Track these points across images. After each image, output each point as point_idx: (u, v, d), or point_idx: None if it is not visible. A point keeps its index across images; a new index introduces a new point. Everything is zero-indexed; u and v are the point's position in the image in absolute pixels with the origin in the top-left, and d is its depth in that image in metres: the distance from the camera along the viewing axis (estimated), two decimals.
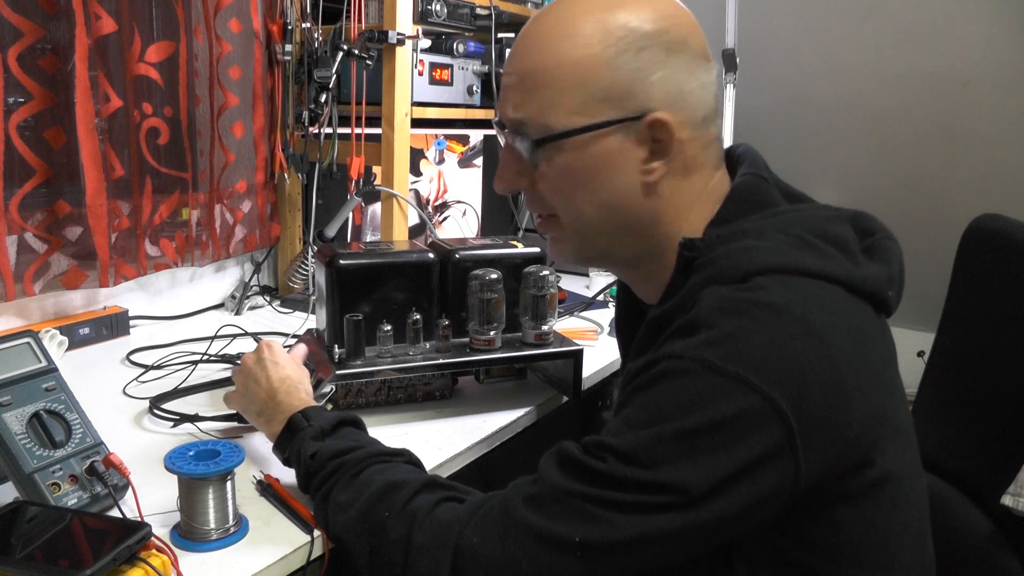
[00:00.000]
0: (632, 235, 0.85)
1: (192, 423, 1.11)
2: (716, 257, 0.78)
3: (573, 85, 0.79)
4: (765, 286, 0.73)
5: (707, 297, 0.74)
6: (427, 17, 1.68)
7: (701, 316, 0.72)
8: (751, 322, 0.70)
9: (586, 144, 0.80)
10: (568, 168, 0.82)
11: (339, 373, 1.11)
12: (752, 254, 0.76)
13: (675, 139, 0.80)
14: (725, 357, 0.69)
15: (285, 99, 1.75)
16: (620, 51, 0.78)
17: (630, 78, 0.78)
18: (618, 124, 0.79)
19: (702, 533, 0.70)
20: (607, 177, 0.81)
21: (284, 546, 0.84)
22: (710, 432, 0.68)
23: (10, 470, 0.83)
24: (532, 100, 0.81)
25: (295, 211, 1.87)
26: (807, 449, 0.68)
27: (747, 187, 0.84)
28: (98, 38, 1.38)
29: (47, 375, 0.90)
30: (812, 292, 0.74)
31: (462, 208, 2.03)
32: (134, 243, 1.52)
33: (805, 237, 0.78)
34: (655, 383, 0.71)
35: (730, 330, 0.70)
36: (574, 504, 0.70)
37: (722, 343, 0.70)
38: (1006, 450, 1.08)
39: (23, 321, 1.43)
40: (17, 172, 1.32)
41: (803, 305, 0.72)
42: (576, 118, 0.80)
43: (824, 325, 0.71)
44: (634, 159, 0.81)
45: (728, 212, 0.83)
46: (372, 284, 1.16)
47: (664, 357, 0.71)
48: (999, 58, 2.39)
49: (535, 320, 1.22)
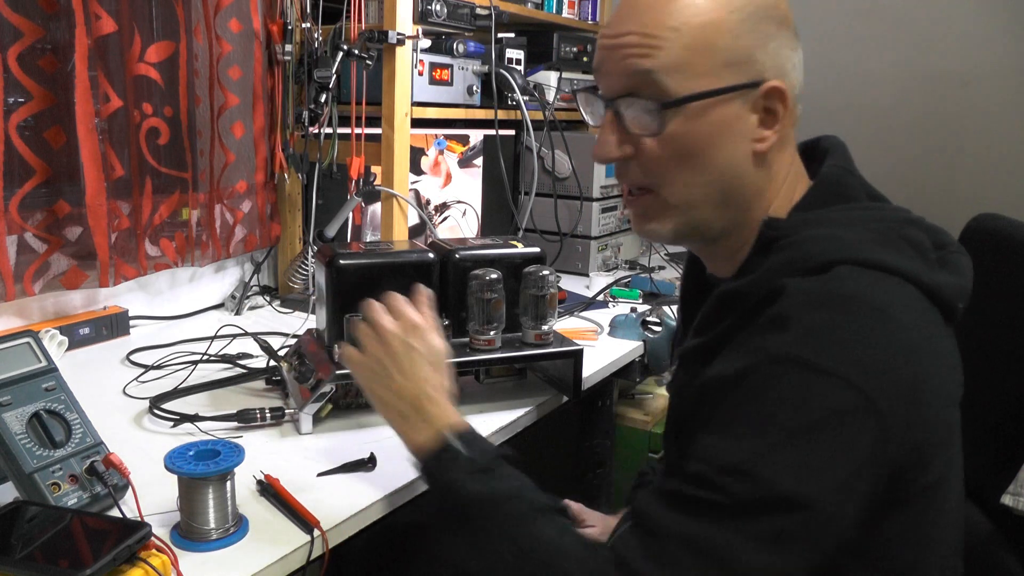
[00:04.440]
0: (732, 207, 0.84)
1: (192, 423, 1.11)
2: (799, 240, 0.78)
3: (702, 48, 0.78)
4: (847, 276, 0.73)
5: (794, 290, 0.73)
6: (427, 17, 1.68)
7: (791, 310, 0.72)
8: (841, 316, 0.70)
9: (706, 110, 0.79)
10: (684, 135, 0.80)
11: (339, 373, 1.11)
12: (836, 243, 0.76)
13: (789, 108, 0.81)
14: (819, 352, 0.69)
15: (285, 99, 1.75)
16: (743, 17, 0.79)
17: (751, 45, 0.79)
18: (740, 90, 0.79)
19: (830, 541, 0.68)
20: (722, 144, 0.80)
21: (284, 546, 0.84)
22: (820, 434, 0.67)
23: (10, 470, 0.83)
24: (655, 61, 0.78)
25: (295, 211, 1.87)
26: (893, 444, 0.69)
27: (835, 177, 0.85)
28: (98, 38, 1.38)
29: (47, 375, 0.90)
30: (891, 288, 0.74)
31: (462, 208, 2.03)
32: (134, 243, 1.52)
33: (887, 234, 0.78)
34: (757, 393, 0.70)
35: (820, 324, 0.70)
36: (703, 546, 0.67)
37: (814, 338, 0.70)
38: (1006, 450, 1.08)
39: (23, 321, 1.43)
40: (17, 172, 1.32)
41: (886, 300, 0.72)
42: (703, 81, 0.78)
43: (907, 323, 0.72)
44: (749, 127, 0.81)
45: (814, 199, 0.83)
46: (372, 284, 1.16)
47: (762, 362, 0.71)
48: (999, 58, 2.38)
49: (535, 320, 1.22)
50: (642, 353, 1.59)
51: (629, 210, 0.89)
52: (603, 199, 2.18)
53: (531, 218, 2.10)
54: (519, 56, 2.08)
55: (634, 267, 2.29)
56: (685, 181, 0.82)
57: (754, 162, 0.82)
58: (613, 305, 1.84)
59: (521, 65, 2.08)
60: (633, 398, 1.88)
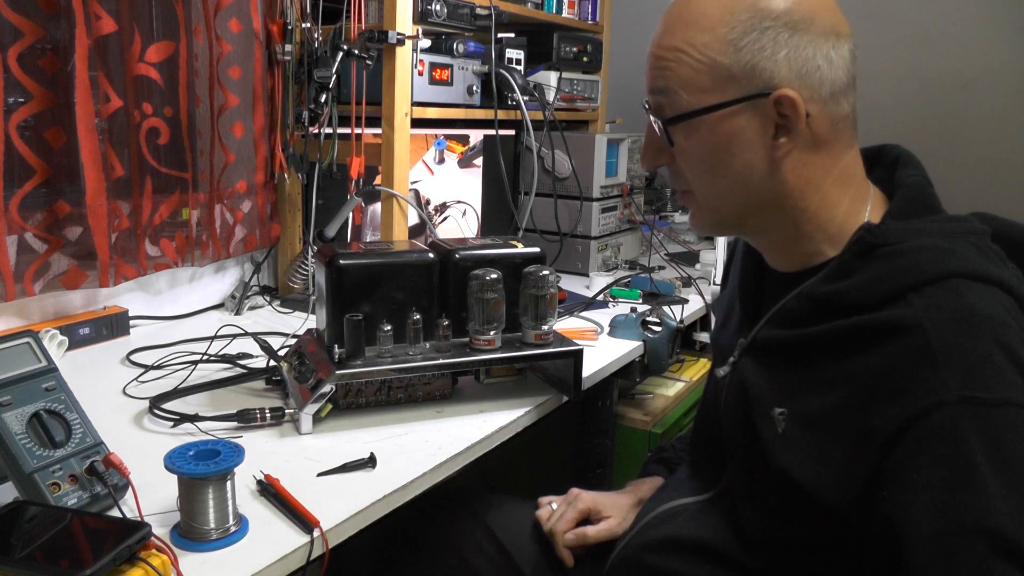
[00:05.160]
0: (763, 208, 0.88)
1: (192, 423, 1.11)
2: (906, 250, 0.81)
3: (702, 66, 0.84)
4: (964, 290, 0.77)
5: (935, 307, 0.76)
6: (427, 17, 1.68)
7: (945, 343, 0.74)
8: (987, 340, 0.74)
9: (717, 122, 0.85)
10: (701, 145, 0.86)
11: (339, 373, 1.11)
12: (946, 255, 0.80)
13: (801, 115, 0.83)
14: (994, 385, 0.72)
15: (285, 99, 1.75)
16: (744, 32, 0.82)
17: (754, 57, 0.82)
18: (745, 102, 0.83)
19: None
20: (736, 153, 0.85)
21: (284, 546, 0.84)
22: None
23: (10, 470, 0.83)
24: (666, 80, 0.86)
25: (295, 211, 1.87)
26: None
27: (919, 188, 0.88)
28: (98, 38, 1.38)
29: (47, 375, 0.90)
30: (1001, 300, 0.78)
31: (462, 208, 2.03)
32: (134, 243, 1.52)
33: (980, 245, 0.83)
34: (987, 445, 0.71)
35: (981, 355, 0.73)
36: None
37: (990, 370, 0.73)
38: None
39: (23, 321, 1.43)
40: (17, 172, 1.32)
41: (1005, 314, 0.76)
42: (706, 97, 0.84)
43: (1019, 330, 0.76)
44: (762, 135, 0.85)
45: (905, 208, 0.86)
46: (372, 284, 1.16)
47: (942, 403, 0.72)
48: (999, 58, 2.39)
49: (535, 320, 1.22)
50: (642, 353, 1.59)
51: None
52: (603, 199, 2.18)
53: (531, 218, 2.10)
54: (519, 56, 2.08)
55: (634, 267, 2.29)
56: (706, 186, 0.89)
57: (770, 168, 0.86)
58: (613, 305, 1.84)
59: (521, 65, 2.08)
60: (633, 398, 1.88)
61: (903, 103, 2.51)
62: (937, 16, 2.44)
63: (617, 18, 2.56)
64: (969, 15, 2.41)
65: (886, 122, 2.51)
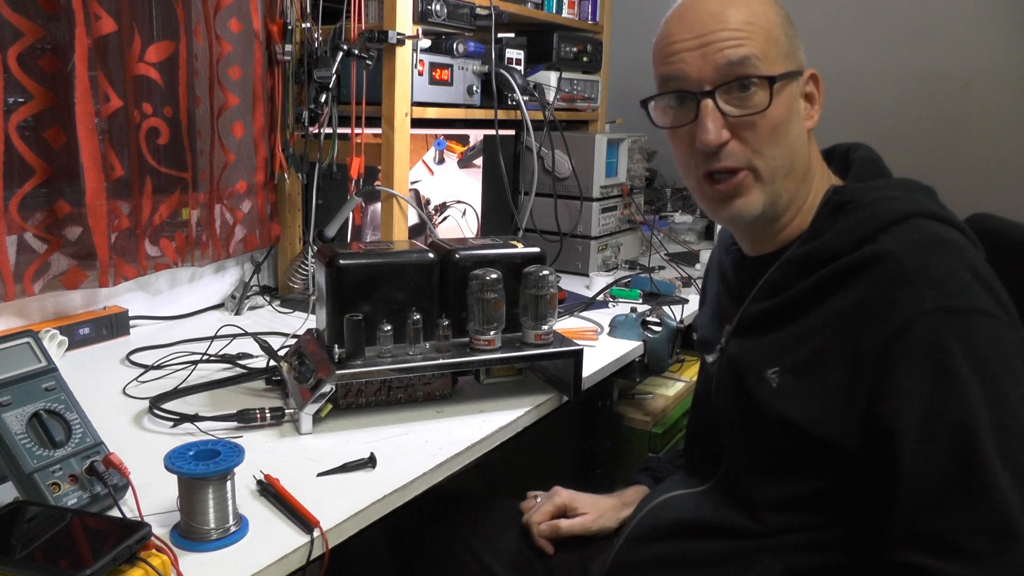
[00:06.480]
0: (799, 179, 0.96)
1: (192, 423, 1.11)
2: (869, 202, 0.91)
3: (772, 40, 0.93)
4: (926, 225, 0.87)
5: (903, 238, 0.86)
6: (427, 17, 1.68)
7: (917, 263, 0.83)
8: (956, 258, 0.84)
9: (782, 90, 0.92)
10: (781, 108, 0.93)
11: (339, 373, 1.11)
12: (908, 202, 0.90)
13: (820, 93, 0.97)
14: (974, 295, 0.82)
15: (285, 99, 1.75)
16: (785, 18, 0.96)
17: (794, 40, 0.96)
18: (797, 76, 0.95)
19: None
20: (793, 120, 0.95)
21: (284, 546, 0.84)
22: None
23: (10, 470, 0.83)
24: (749, 49, 0.91)
25: (295, 211, 1.87)
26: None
27: (873, 160, 1.01)
28: (98, 38, 1.38)
29: (47, 375, 0.90)
30: (959, 233, 0.89)
31: (462, 208, 2.03)
32: (134, 243, 1.52)
33: (931, 197, 0.94)
34: (967, 351, 0.79)
35: (949, 270, 0.82)
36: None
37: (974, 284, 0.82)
38: None
39: (23, 321, 1.43)
40: (17, 172, 1.32)
41: (965, 240, 0.88)
42: (778, 66, 0.92)
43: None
44: (803, 107, 0.96)
45: (860, 174, 0.98)
46: (372, 284, 1.16)
47: (921, 313, 0.80)
48: (999, 58, 2.39)
49: (535, 320, 1.22)
50: (642, 353, 1.59)
51: (711, 195, 0.97)
52: (603, 199, 2.18)
53: (531, 218, 2.10)
54: (519, 56, 2.08)
55: (634, 267, 2.29)
56: (774, 154, 0.94)
57: (807, 138, 0.97)
58: (613, 305, 1.84)
59: (521, 65, 2.08)
60: (633, 398, 1.88)
61: (903, 103, 2.51)
62: (937, 15, 2.44)
63: (617, 18, 2.56)
64: (969, 14, 2.41)
65: (886, 122, 2.51)
